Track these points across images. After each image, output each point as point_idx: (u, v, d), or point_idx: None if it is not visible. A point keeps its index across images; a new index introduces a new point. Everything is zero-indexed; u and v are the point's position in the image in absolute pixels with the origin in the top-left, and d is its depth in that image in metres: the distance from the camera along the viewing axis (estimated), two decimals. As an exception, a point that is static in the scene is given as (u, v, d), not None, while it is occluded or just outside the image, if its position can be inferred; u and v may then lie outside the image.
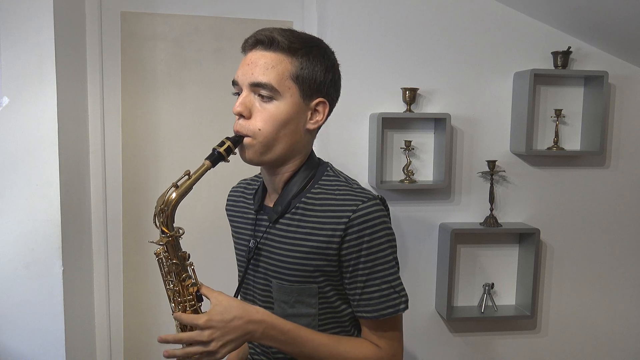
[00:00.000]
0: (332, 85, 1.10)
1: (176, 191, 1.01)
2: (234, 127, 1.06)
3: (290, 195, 1.10)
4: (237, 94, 1.07)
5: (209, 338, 0.98)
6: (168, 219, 1.02)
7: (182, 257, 1.06)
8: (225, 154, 1.02)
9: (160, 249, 1.06)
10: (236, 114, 1.05)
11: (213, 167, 1.02)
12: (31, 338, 1.85)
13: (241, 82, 1.05)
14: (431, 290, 2.38)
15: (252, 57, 1.04)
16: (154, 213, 1.03)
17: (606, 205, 2.43)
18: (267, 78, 1.01)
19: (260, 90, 1.03)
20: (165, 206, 1.01)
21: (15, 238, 1.81)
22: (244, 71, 1.04)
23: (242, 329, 1.00)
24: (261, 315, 1.02)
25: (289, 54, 1.03)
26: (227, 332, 0.99)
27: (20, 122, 1.77)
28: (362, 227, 1.03)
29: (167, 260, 1.06)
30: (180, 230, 1.05)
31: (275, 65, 1.02)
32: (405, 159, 2.25)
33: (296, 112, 1.05)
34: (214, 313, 0.99)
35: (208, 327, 0.98)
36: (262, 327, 1.02)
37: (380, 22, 2.21)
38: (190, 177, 1.01)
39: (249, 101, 1.04)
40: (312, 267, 1.07)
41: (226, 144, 1.02)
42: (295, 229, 1.09)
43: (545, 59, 2.29)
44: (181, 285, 1.06)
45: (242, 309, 1.01)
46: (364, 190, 1.08)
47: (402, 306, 1.08)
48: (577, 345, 2.50)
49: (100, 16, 2.11)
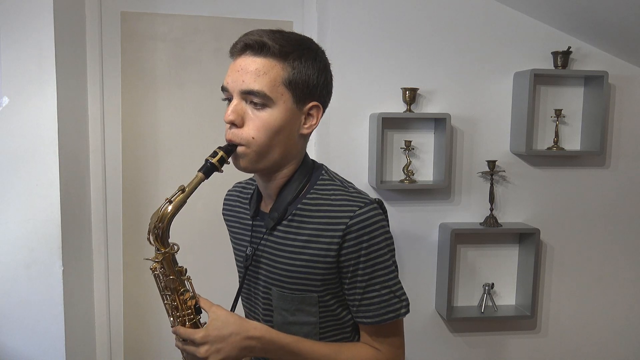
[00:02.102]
0: (325, 88, 1.07)
1: (170, 206, 0.99)
2: (227, 136, 1.02)
3: (286, 202, 1.08)
4: (227, 100, 1.04)
5: (205, 354, 0.97)
6: (163, 235, 1.00)
7: (179, 272, 1.05)
8: (219, 164, 0.99)
9: (156, 264, 1.04)
10: (228, 123, 1.01)
11: (207, 179, 1.00)
12: (31, 338, 1.85)
13: (231, 89, 1.01)
14: (431, 290, 2.38)
15: (241, 63, 1.00)
16: (148, 230, 1.01)
17: (606, 205, 2.43)
18: (259, 85, 0.98)
19: (252, 97, 0.99)
20: (160, 222, 0.99)
21: (15, 238, 1.81)
22: (234, 78, 1.00)
23: (240, 345, 0.99)
24: (259, 331, 1.01)
25: (281, 59, 0.99)
26: (224, 347, 0.98)
27: (20, 122, 1.77)
28: (360, 233, 1.02)
29: (163, 276, 1.05)
30: (175, 246, 1.04)
31: (267, 71, 0.98)
32: (405, 159, 2.25)
33: (290, 118, 1.02)
34: (211, 328, 0.98)
35: (204, 342, 0.98)
36: (261, 343, 1.01)
37: (380, 22, 2.21)
38: (184, 192, 0.99)
39: (240, 109, 1.00)
40: (312, 275, 1.05)
41: (219, 154, 0.99)
42: (293, 237, 1.07)
43: (545, 59, 2.29)
44: (179, 300, 1.05)
45: (240, 325, 1.00)
46: (360, 194, 1.06)
47: (402, 310, 1.06)
48: (577, 345, 2.50)
49: (100, 16, 2.11)
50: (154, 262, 1.03)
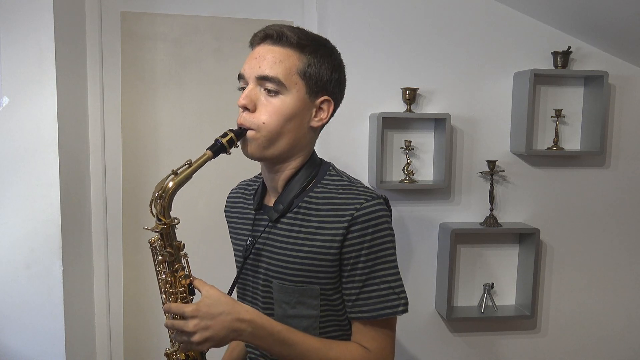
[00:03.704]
0: (337, 85, 1.10)
1: (174, 179, 0.99)
2: (238, 120, 1.04)
3: (292, 194, 1.09)
4: (243, 89, 1.06)
5: (193, 328, 0.96)
6: (165, 207, 1.00)
7: (176, 247, 1.04)
8: (228, 145, 1.01)
9: (154, 237, 1.04)
10: (241, 107, 1.04)
11: (214, 158, 1.01)
12: (31, 338, 1.85)
13: (247, 75, 1.04)
14: (431, 290, 2.38)
15: (260, 51, 1.04)
16: (151, 199, 1.00)
17: (606, 205, 2.43)
18: (274, 72, 1.01)
19: (267, 84, 1.02)
20: (163, 192, 0.99)
21: (16, 238, 1.81)
22: (251, 65, 1.04)
23: (229, 326, 0.98)
24: (250, 314, 1.00)
25: (298, 50, 1.03)
26: (212, 325, 0.96)
27: (20, 122, 1.77)
28: (365, 226, 1.02)
29: (160, 249, 1.04)
30: (176, 219, 1.03)
31: (283, 59, 1.02)
32: (405, 159, 2.25)
33: (301, 107, 1.04)
34: (202, 305, 0.97)
35: (194, 316, 0.96)
36: (251, 326, 0.99)
37: (380, 22, 2.21)
38: (190, 166, 1.00)
39: (254, 94, 1.03)
40: (315, 267, 1.05)
41: (229, 135, 1.01)
42: (298, 229, 1.07)
43: (545, 59, 2.29)
44: (174, 276, 1.04)
45: (232, 305, 0.99)
46: (367, 189, 1.07)
47: (400, 308, 1.05)
48: (577, 345, 2.50)
49: (100, 16, 2.11)
50: (153, 232, 1.03)
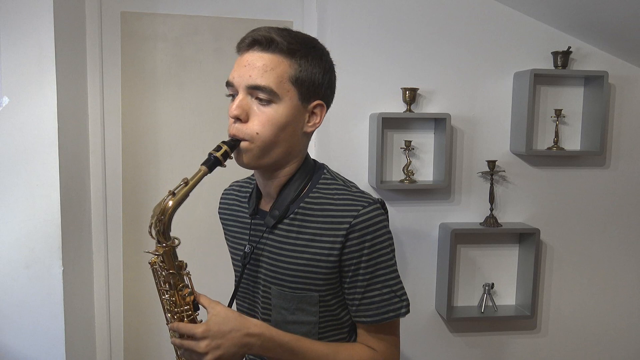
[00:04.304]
0: (329, 87, 1.08)
1: (173, 199, 0.97)
2: (230, 131, 1.01)
3: (287, 200, 1.08)
4: (232, 96, 1.03)
5: (205, 349, 0.96)
6: (165, 228, 0.99)
7: (178, 267, 1.03)
8: (222, 158, 0.99)
9: (155, 258, 1.03)
10: (232, 118, 1.01)
11: (210, 173, 0.99)
12: (31, 338, 1.85)
13: (237, 84, 1.01)
14: (431, 290, 2.38)
15: (249, 58, 1.00)
16: (150, 223, 0.99)
17: (606, 205, 2.43)
18: (265, 81, 0.98)
19: (259, 93, 0.99)
20: (162, 214, 0.98)
21: (15, 238, 1.81)
22: (241, 73, 1.00)
23: (240, 342, 0.98)
24: (259, 328, 1.01)
25: (288, 56, 1.00)
26: (223, 343, 0.97)
27: (20, 122, 1.77)
28: (363, 233, 1.02)
29: (163, 270, 1.03)
30: (177, 240, 1.02)
31: (274, 67, 0.99)
32: (405, 159, 2.25)
33: (294, 115, 1.02)
34: (212, 324, 0.97)
35: (205, 337, 0.96)
36: (261, 340, 1.00)
37: (380, 22, 2.21)
38: (187, 184, 0.98)
39: (246, 104, 1.00)
40: (314, 274, 1.05)
41: (223, 148, 0.99)
42: (296, 235, 1.07)
43: (545, 59, 2.29)
44: (178, 295, 1.03)
45: (240, 321, 0.99)
46: (363, 194, 1.07)
47: (403, 310, 1.06)
48: (577, 345, 2.50)
49: (100, 16, 2.11)
50: (154, 255, 1.02)
